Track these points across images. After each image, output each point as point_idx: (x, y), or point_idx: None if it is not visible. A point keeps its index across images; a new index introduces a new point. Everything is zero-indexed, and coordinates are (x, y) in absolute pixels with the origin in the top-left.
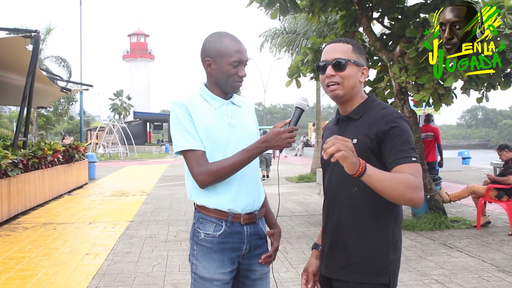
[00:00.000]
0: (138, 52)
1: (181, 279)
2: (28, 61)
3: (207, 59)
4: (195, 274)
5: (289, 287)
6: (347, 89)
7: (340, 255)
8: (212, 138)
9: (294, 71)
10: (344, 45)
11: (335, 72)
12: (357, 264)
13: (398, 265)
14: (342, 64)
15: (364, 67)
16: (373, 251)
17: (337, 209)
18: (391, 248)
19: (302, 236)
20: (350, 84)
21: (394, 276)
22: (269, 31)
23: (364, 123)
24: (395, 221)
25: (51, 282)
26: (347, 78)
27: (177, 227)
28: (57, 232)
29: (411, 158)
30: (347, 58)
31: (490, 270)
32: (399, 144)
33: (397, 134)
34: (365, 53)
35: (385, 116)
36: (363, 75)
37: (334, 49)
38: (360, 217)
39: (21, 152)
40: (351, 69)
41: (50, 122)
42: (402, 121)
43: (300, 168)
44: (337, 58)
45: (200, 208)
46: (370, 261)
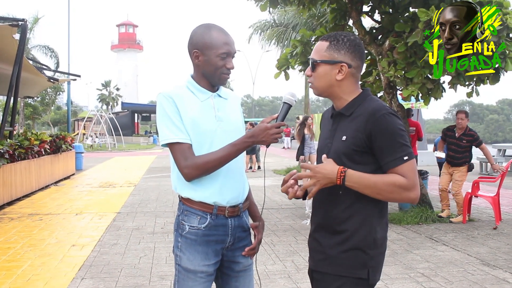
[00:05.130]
0: (127, 42)
1: (167, 271)
2: (15, 50)
3: (194, 51)
4: (179, 266)
5: (276, 279)
6: (319, 88)
7: (321, 247)
8: (198, 131)
9: (283, 63)
10: (321, 43)
11: (311, 72)
12: (336, 257)
13: (381, 260)
14: (313, 65)
15: (341, 63)
16: (353, 246)
17: (322, 203)
18: (372, 244)
19: (289, 229)
20: (321, 84)
21: (375, 270)
22: (258, 23)
23: (355, 119)
24: (379, 217)
25: (37, 273)
26: (317, 78)
27: (164, 219)
28: (43, 223)
29: (402, 158)
30: (318, 58)
31: (475, 264)
32: (390, 141)
33: (386, 130)
34: (348, 47)
35: (374, 112)
36: (340, 73)
37: (315, 48)
38: (343, 213)
39: (8, 142)
40: (322, 69)
41: (37, 112)
42: (392, 116)
43: (288, 161)
44: (311, 59)
45: (185, 200)
46: (349, 255)
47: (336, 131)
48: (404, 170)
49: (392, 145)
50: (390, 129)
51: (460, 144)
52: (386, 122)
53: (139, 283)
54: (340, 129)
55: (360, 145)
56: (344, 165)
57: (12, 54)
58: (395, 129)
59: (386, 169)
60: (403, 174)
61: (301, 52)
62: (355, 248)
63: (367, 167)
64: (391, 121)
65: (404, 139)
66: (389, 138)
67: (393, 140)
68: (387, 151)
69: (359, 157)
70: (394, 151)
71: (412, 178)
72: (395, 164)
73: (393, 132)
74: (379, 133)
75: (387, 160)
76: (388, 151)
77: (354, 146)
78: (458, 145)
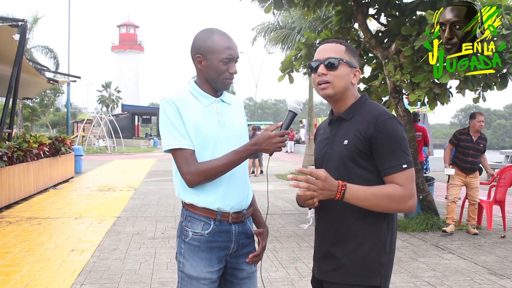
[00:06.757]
0: (127, 43)
1: (168, 277)
2: (14, 51)
3: (197, 56)
4: (182, 272)
5: (278, 287)
6: (338, 88)
7: (332, 257)
8: (201, 136)
9: (287, 66)
10: (337, 45)
11: (327, 71)
12: (348, 266)
13: (391, 267)
14: (334, 63)
15: (356, 69)
16: (364, 253)
17: (328, 212)
18: (383, 251)
19: (293, 235)
20: (341, 84)
21: (386, 278)
22: (262, 25)
23: (356, 123)
24: (388, 223)
25: (35, 278)
26: (338, 78)
27: (165, 224)
28: (42, 227)
29: (401, 166)
30: (340, 57)
31: (482, 273)
32: (390, 148)
33: (388, 136)
34: (358, 55)
35: (376, 117)
36: (355, 77)
37: (327, 49)
38: (351, 220)
39: (6, 145)
40: (343, 69)
41: (35, 114)
42: (394, 122)
43: (291, 165)
44: (329, 57)
45: (188, 206)
46: (361, 263)
47: (336, 136)
48: (402, 179)
49: (392, 151)
50: (392, 135)
51: (478, 149)
52: (388, 128)
53: None
54: (341, 133)
55: (362, 149)
56: (349, 169)
57: (12, 55)
58: (396, 136)
59: (384, 175)
60: (400, 183)
61: (305, 54)
62: (367, 256)
63: (372, 172)
64: (394, 127)
65: (405, 146)
66: (390, 144)
67: (393, 146)
68: (386, 157)
69: (362, 161)
70: (393, 157)
71: (409, 187)
72: (393, 171)
73: (395, 139)
74: (380, 138)
75: (385, 166)
76: (387, 157)
77: (357, 150)
78: (476, 149)
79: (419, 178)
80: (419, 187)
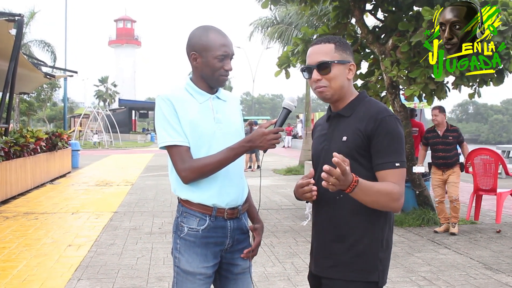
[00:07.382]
0: (125, 38)
1: (165, 272)
2: (11, 46)
3: (192, 53)
4: (178, 268)
5: (275, 282)
6: (335, 89)
7: (329, 253)
8: (197, 133)
9: (284, 61)
10: (325, 45)
11: (321, 76)
12: (347, 262)
13: (388, 263)
14: (326, 67)
15: (350, 63)
16: (363, 249)
17: (325, 207)
18: (381, 246)
19: (289, 230)
20: (337, 84)
21: (384, 273)
22: (259, 20)
23: (355, 120)
24: (385, 218)
25: (32, 273)
26: (333, 80)
27: (162, 219)
28: (39, 222)
29: (394, 164)
30: (331, 59)
31: (478, 268)
32: (386, 144)
33: (385, 133)
34: (349, 47)
35: (375, 113)
36: (350, 72)
37: (317, 51)
38: (349, 215)
39: (3, 139)
40: (337, 70)
41: (32, 108)
42: (393, 120)
43: (288, 160)
44: (320, 62)
45: (184, 202)
46: (359, 259)
47: (334, 132)
48: (395, 177)
49: (388, 148)
50: (390, 132)
51: (447, 142)
52: (387, 125)
53: (137, 284)
54: (339, 130)
55: (360, 146)
56: None
57: (8, 49)
58: (394, 134)
59: (376, 170)
60: (394, 181)
61: (302, 50)
62: (366, 252)
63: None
64: (393, 124)
65: (401, 146)
66: (387, 141)
67: (390, 143)
68: (382, 153)
69: (360, 157)
70: (388, 154)
71: (402, 186)
72: (386, 167)
73: (393, 136)
74: (378, 134)
75: (379, 161)
76: (382, 152)
77: (355, 146)
78: (446, 143)
79: (415, 173)
80: (415, 182)
